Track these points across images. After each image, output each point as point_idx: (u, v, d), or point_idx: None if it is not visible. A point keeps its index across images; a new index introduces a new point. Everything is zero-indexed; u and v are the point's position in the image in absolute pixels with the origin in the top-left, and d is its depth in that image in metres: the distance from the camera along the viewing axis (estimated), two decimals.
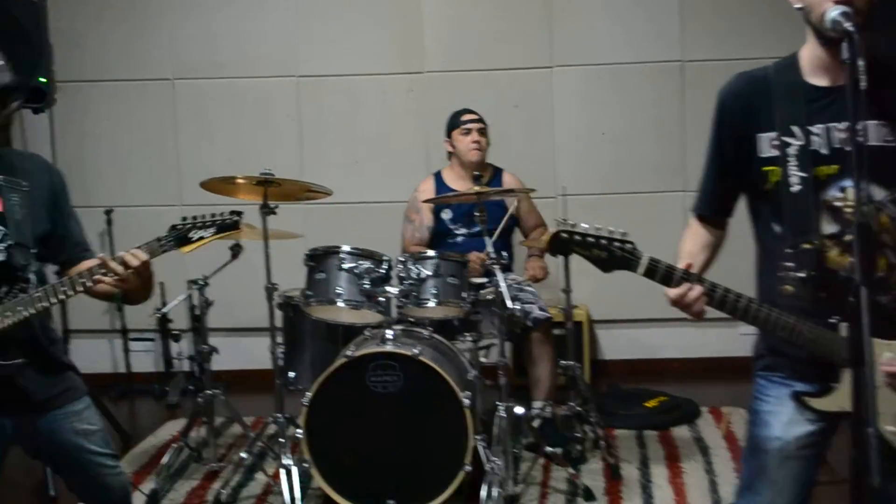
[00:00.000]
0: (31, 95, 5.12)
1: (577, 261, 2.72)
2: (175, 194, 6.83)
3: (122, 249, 6.60)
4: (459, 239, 5.64)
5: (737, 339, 6.65)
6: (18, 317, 3.09)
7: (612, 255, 2.62)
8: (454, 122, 5.71)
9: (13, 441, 3.29)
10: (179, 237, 3.22)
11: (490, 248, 4.63)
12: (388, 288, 4.74)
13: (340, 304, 4.73)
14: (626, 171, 6.71)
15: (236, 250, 5.11)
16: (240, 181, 4.78)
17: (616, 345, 6.91)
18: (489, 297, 4.93)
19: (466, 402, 4.43)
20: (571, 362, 5.15)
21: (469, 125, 5.64)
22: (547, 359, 5.42)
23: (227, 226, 3.26)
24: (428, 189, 5.72)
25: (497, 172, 5.75)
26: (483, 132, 5.65)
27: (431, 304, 4.75)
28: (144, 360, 7.08)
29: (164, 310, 5.50)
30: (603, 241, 2.62)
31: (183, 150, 6.89)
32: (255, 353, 6.51)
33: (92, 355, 6.93)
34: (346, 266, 4.75)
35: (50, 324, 3.40)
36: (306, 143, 6.82)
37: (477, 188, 4.78)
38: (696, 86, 6.59)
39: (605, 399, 5.98)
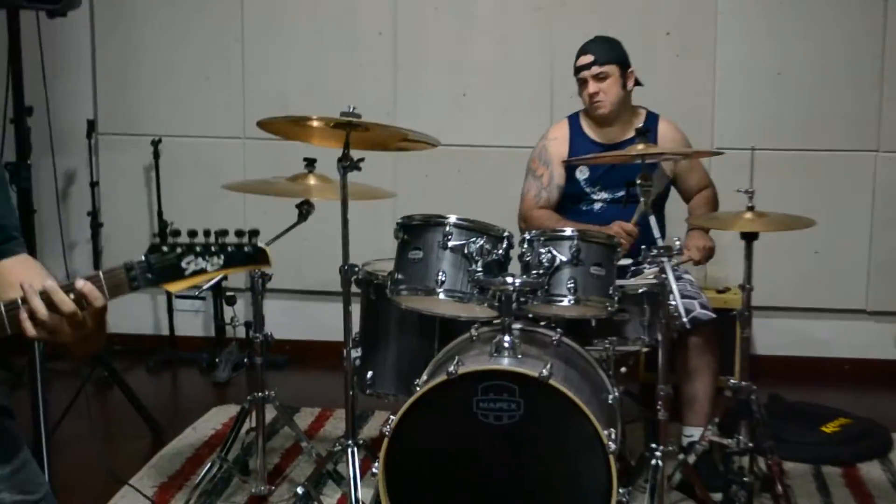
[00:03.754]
0: None
1: None
2: (237, 125, 5.57)
3: (169, 186, 5.61)
4: (597, 206, 4.31)
5: None
6: None
7: None
8: (573, 68, 4.35)
9: None
10: (164, 268, 1.91)
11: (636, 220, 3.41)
12: (508, 279, 3.43)
13: (442, 295, 3.47)
14: (803, 123, 5.29)
15: (305, 209, 3.86)
16: (314, 123, 3.53)
17: (772, 338, 5.50)
18: (640, 290, 3.66)
19: (612, 445, 3.15)
20: (743, 382, 3.82)
21: (582, 73, 4.27)
22: (707, 372, 4.09)
23: (243, 258, 1.96)
24: (561, 137, 4.39)
25: (650, 119, 4.39)
26: (602, 77, 4.26)
27: (566, 301, 3.45)
28: (192, 322, 5.87)
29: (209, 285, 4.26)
30: None
31: (250, 70, 5.59)
32: (324, 322, 5.37)
33: (131, 314, 5.73)
34: (452, 244, 3.47)
35: None
36: (402, 68, 5.50)
37: (641, 147, 3.46)
38: None
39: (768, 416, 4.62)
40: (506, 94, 5.44)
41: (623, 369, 3.92)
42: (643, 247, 3.52)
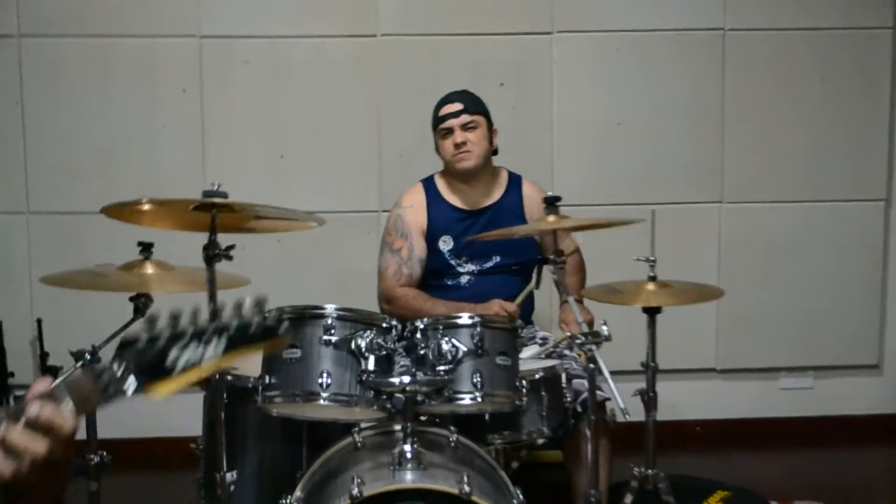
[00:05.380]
0: None
1: None
2: (17, 197, 4.82)
3: None
4: (464, 280, 3.88)
5: (777, 395, 5.24)
6: None
7: None
8: (433, 120, 3.93)
9: None
10: (144, 368, 1.42)
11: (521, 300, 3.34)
12: (405, 378, 2.93)
13: (324, 400, 2.93)
14: (645, 176, 5.02)
15: (142, 304, 3.25)
16: (145, 207, 2.96)
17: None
18: (537, 376, 3.25)
19: None
20: (650, 470, 3.46)
21: (449, 121, 3.87)
22: (602, 458, 3.68)
23: (250, 338, 1.49)
24: (417, 204, 3.93)
25: (513, 181, 4.01)
26: (471, 127, 3.87)
27: (469, 399, 2.99)
28: None
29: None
30: None
31: (31, 135, 4.85)
32: (165, 416, 4.67)
33: None
34: (336, 339, 2.94)
35: None
36: (210, 129, 4.89)
37: (552, 218, 3.05)
38: (739, 62, 4.99)
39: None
40: (328, 153, 4.92)
41: (515, 464, 3.48)
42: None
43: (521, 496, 3.11)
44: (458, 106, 3.85)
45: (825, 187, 5.09)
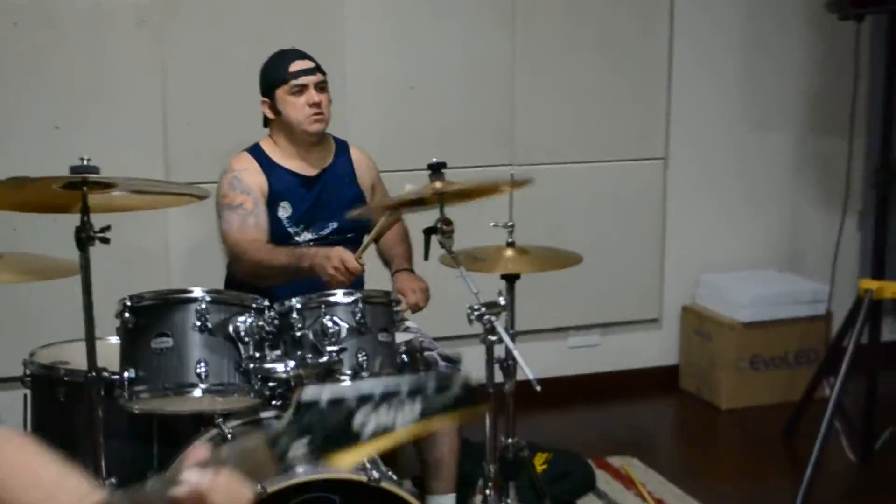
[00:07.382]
0: None
1: None
2: None
3: None
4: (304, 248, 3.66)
5: (566, 354, 5.32)
6: None
7: None
8: (276, 75, 3.66)
9: None
10: (329, 434, 1.27)
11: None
12: (290, 362, 2.74)
13: (202, 392, 2.70)
14: (439, 139, 4.87)
15: None
16: None
17: None
18: (401, 350, 3.18)
19: None
20: (511, 439, 3.42)
21: (302, 79, 3.63)
22: (451, 430, 3.62)
23: (450, 402, 1.29)
24: (251, 167, 3.65)
25: (340, 146, 3.84)
26: (323, 87, 3.68)
27: (356, 380, 2.83)
28: None
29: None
30: None
31: None
32: None
33: None
34: (212, 324, 2.72)
35: None
36: None
37: (438, 184, 2.94)
38: (528, 21, 4.98)
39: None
40: (109, 123, 4.51)
41: None
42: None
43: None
44: (310, 63, 3.64)
45: (609, 148, 5.19)
